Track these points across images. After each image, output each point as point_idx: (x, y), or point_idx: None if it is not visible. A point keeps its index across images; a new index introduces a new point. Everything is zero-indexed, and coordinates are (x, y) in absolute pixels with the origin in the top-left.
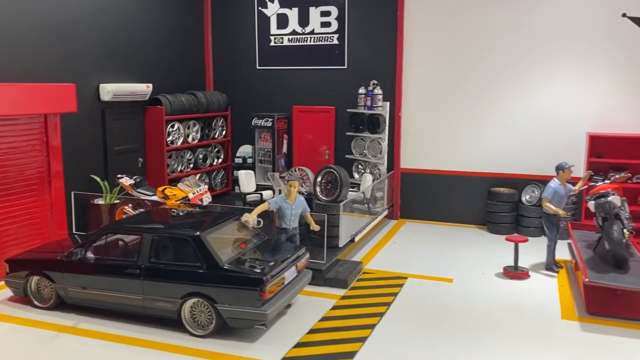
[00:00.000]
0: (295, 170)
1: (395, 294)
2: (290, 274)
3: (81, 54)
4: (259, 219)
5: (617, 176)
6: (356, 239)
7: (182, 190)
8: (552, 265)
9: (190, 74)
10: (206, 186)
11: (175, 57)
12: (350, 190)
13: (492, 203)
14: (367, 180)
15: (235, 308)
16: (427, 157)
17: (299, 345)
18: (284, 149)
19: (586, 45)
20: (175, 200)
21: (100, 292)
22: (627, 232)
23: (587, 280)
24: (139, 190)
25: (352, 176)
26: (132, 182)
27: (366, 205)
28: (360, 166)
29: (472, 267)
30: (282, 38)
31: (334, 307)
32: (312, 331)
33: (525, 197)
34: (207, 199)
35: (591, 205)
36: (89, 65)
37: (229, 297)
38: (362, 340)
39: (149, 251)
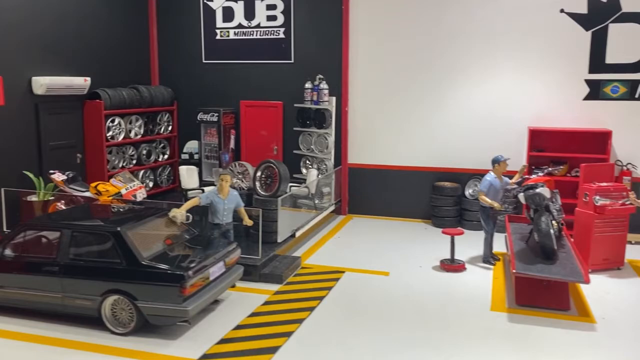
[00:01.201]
0: (235, 166)
1: (329, 289)
2: (217, 269)
3: (10, 46)
4: (188, 214)
5: (551, 169)
6: (297, 234)
7: (114, 186)
8: (489, 257)
9: (134, 68)
10: (150, 182)
11: (117, 50)
12: (295, 186)
13: (436, 197)
14: (312, 176)
15: (155, 305)
16: (375, 153)
17: (222, 341)
18: (231, 145)
19: (526, 41)
20: (108, 196)
21: (18, 290)
22: (556, 224)
23: (514, 271)
24: (71, 186)
25: (300, 172)
26: (65, 177)
27: (311, 201)
28: (308, 161)
29: (411, 261)
30: (228, 31)
31: (266, 303)
32: (238, 327)
33: (468, 191)
34: (141, 194)
35: (521, 197)
36: (19, 58)
37: (149, 293)
38: (288, 335)
39: (69, 247)
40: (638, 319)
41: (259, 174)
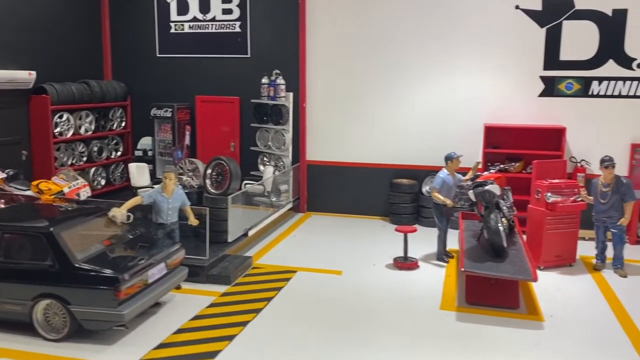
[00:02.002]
0: (185, 163)
1: (279, 289)
2: (157, 271)
3: None
4: (129, 213)
5: (503, 166)
6: (250, 233)
7: (57, 185)
8: (442, 255)
9: (85, 62)
10: (102, 180)
11: (66, 43)
12: (250, 183)
13: (394, 194)
14: (268, 173)
15: (89, 309)
16: (333, 149)
17: (161, 346)
18: (187, 141)
19: (482, 38)
20: (50, 195)
21: None
22: (506, 221)
23: (462, 269)
24: (11, 184)
25: (257, 169)
26: (4, 176)
27: (267, 199)
28: (265, 158)
29: (365, 259)
30: (182, 25)
31: (211, 305)
32: (179, 331)
33: (425, 188)
34: (85, 193)
35: (471, 194)
36: None
37: (83, 297)
38: (230, 338)
39: None
40: (585, 318)
41: (209, 171)
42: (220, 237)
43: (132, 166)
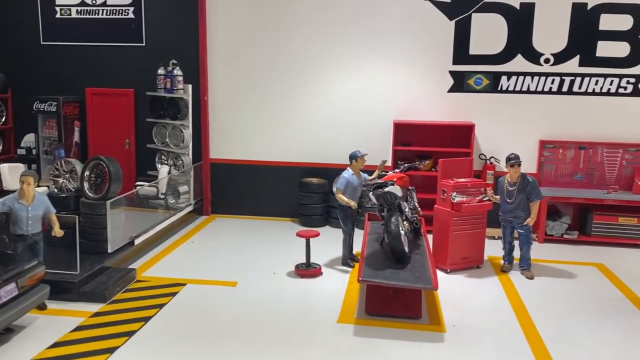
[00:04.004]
0: (61, 164)
1: (161, 306)
2: (3, 293)
3: None
4: None
5: (408, 164)
6: (137, 241)
7: None
8: (348, 259)
9: None
10: None
11: None
12: (140, 185)
13: (303, 194)
14: (163, 173)
15: None
16: (240, 147)
17: None
18: (76, 138)
19: (392, 31)
20: None
21: None
22: (408, 224)
23: (360, 279)
24: None
25: (155, 168)
26: None
27: (163, 201)
28: (163, 156)
29: (266, 267)
30: (69, 9)
31: (77, 328)
32: None
33: (335, 188)
34: None
35: (372, 196)
36: None
37: None
38: None
39: None
40: (487, 327)
41: (87, 173)
42: (100, 248)
43: (4, 167)
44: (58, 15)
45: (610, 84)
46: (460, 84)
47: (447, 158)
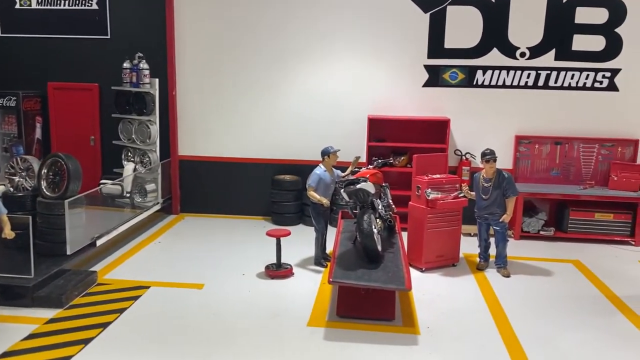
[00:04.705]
0: (17, 161)
1: (122, 311)
2: None
3: None
4: None
5: (382, 160)
6: (99, 242)
7: None
8: (320, 259)
9: None
10: None
11: None
12: (104, 183)
13: (276, 192)
14: (128, 170)
15: None
16: (210, 143)
17: None
18: (37, 134)
19: (366, 24)
20: None
21: None
22: (381, 222)
23: (330, 280)
24: None
25: (121, 165)
26: None
27: (129, 200)
28: (130, 153)
29: (235, 268)
30: (29, 0)
31: (29, 336)
32: None
33: None
34: None
35: (343, 193)
36: None
37: None
38: None
39: None
40: (463, 329)
41: (44, 170)
42: (59, 249)
43: None
44: (17, 6)
45: (586, 78)
46: (435, 78)
47: (421, 154)
